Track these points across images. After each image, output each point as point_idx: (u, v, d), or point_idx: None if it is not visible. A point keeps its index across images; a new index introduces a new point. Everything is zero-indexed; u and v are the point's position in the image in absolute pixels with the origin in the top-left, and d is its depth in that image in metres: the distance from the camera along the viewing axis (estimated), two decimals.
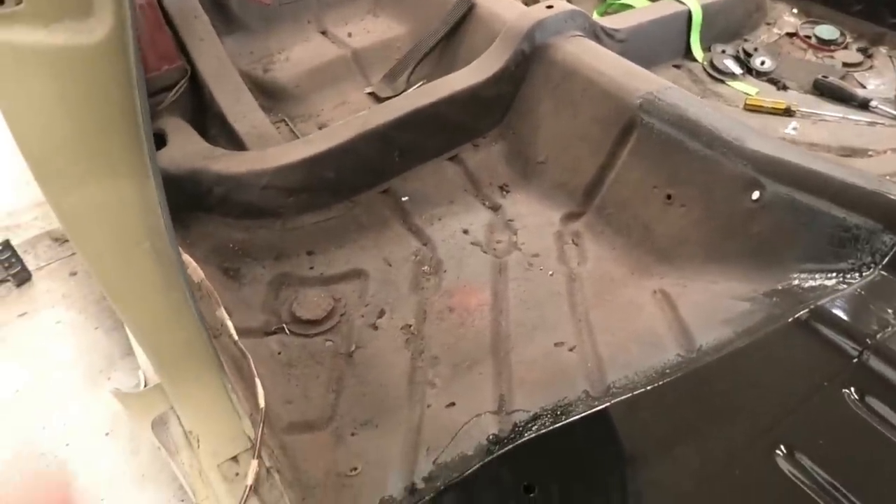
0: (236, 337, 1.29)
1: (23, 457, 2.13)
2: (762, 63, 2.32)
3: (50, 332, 2.48)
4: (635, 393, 1.20)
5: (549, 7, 2.02)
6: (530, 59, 1.98)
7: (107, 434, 2.20)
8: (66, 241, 2.83)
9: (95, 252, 0.96)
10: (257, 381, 1.21)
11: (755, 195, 1.48)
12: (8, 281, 2.57)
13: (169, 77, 2.12)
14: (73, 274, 2.69)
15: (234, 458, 1.26)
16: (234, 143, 2.01)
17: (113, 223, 0.95)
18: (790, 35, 2.52)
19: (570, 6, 2.04)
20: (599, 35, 2.10)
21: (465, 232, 1.80)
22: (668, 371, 1.24)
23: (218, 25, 2.30)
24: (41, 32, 0.85)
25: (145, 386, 1.23)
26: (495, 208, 1.88)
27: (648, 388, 1.20)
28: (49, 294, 2.63)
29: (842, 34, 2.49)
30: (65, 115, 0.86)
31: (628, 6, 2.57)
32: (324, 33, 2.57)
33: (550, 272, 1.66)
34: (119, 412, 2.23)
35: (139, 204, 0.94)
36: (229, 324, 1.30)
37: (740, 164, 1.52)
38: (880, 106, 2.11)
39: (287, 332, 1.58)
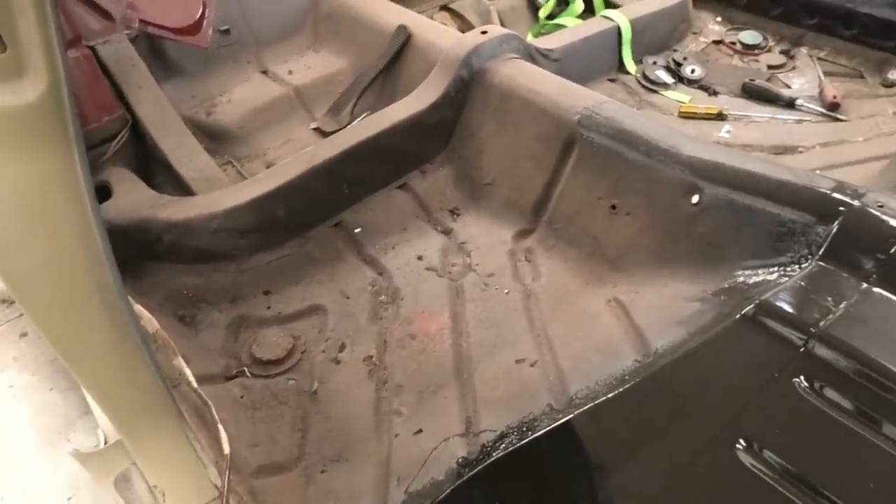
0: (196, 385, 1.27)
1: None
2: (692, 71, 2.41)
3: (2, 396, 2.40)
4: (597, 402, 1.22)
5: (484, 32, 2.07)
6: (469, 84, 2.02)
7: (69, 498, 2.13)
8: (14, 302, 2.76)
9: (43, 312, 0.94)
10: (220, 427, 1.19)
11: (695, 199, 1.53)
12: None
13: (110, 128, 2.10)
14: (24, 335, 2.62)
15: None
16: (181, 188, 1.99)
17: (59, 281, 0.93)
18: (716, 42, 2.63)
19: (503, 30, 2.09)
20: (535, 56, 2.16)
21: (420, 258, 1.82)
22: (627, 377, 1.27)
23: (156, 72, 2.29)
24: None
25: (105, 444, 1.20)
26: (447, 232, 1.90)
27: (610, 395, 1.22)
28: None
29: (764, 38, 2.60)
30: (3, 179, 0.85)
31: (560, 26, 2.65)
32: (264, 72, 2.57)
33: (506, 290, 1.68)
34: (80, 473, 2.17)
35: (86, 259, 0.92)
36: (188, 372, 1.28)
37: (678, 170, 1.58)
38: (805, 104, 2.21)
39: (248, 374, 1.56)
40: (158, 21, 2.30)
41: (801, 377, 1.15)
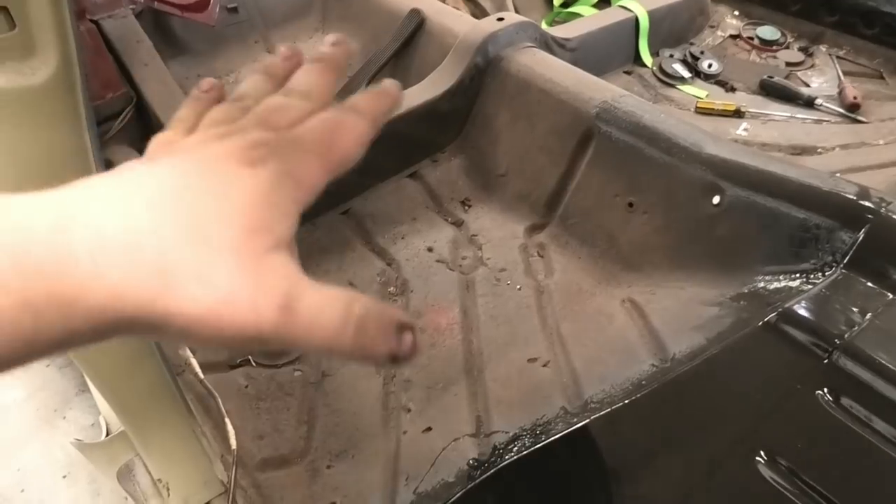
0: (202, 375, 1.24)
1: None
2: (709, 66, 2.36)
3: None
4: (614, 407, 1.19)
5: (500, 19, 2.02)
6: (484, 72, 1.97)
7: (64, 476, 2.11)
8: None
9: None
10: (227, 421, 1.16)
11: (716, 199, 1.49)
12: None
13: (114, 105, 2.04)
14: None
15: None
16: None
17: None
18: (733, 37, 2.58)
19: (520, 18, 2.04)
20: (551, 45, 2.11)
21: (430, 250, 1.78)
22: (643, 382, 1.24)
23: (162, 49, 2.23)
24: None
25: (107, 434, 1.17)
26: (458, 224, 1.86)
27: (626, 401, 1.20)
28: None
29: (782, 34, 2.55)
30: (11, 159, 0.81)
31: (576, 15, 2.60)
32: (272, 53, 2.52)
33: (518, 286, 1.65)
34: (77, 452, 2.15)
35: None
36: (194, 361, 1.25)
37: (699, 169, 1.54)
38: (825, 104, 2.17)
39: (253, 363, 1.53)
40: None
41: (825, 389, 1.12)
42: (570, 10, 2.64)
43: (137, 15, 2.23)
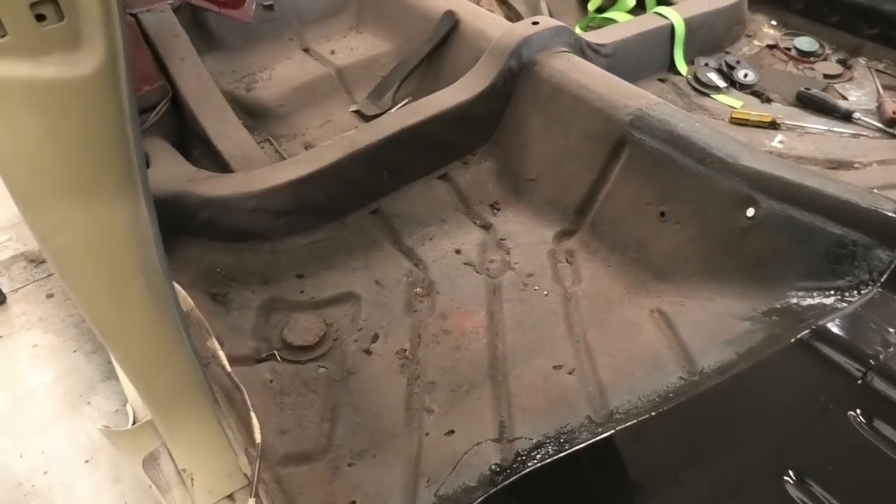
0: (229, 368, 1.25)
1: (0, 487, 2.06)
2: (745, 76, 2.33)
3: (27, 355, 2.42)
4: (640, 419, 1.18)
5: (535, 23, 2.01)
6: (517, 76, 1.97)
7: (87, 461, 2.13)
8: (42, 262, 2.76)
9: (86, 290, 0.92)
10: (252, 415, 1.17)
11: (750, 212, 1.48)
12: None
13: (150, 98, 2.08)
14: (50, 296, 2.63)
15: (230, 497, 1.22)
16: (219, 164, 1.97)
17: (105, 259, 0.91)
18: (770, 47, 2.54)
19: (555, 22, 2.03)
20: (585, 50, 2.10)
21: (458, 252, 1.78)
22: (671, 395, 1.23)
23: (198, 44, 2.26)
24: (27, 66, 0.81)
25: (134, 422, 1.18)
26: (487, 227, 1.86)
27: (653, 413, 1.18)
28: (25, 317, 2.56)
29: (821, 46, 2.52)
30: (54, 151, 0.82)
31: (611, 20, 2.58)
32: (306, 50, 2.54)
33: (545, 292, 1.64)
34: (100, 438, 2.17)
35: (133, 239, 0.90)
36: (221, 354, 1.26)
37: (734, 180, 1.52)
38: (863, 118, 2.13)
39: (279, 358, 1.54)
40: None
41: (857, 411, 1.10)
42: (605, 15, 2.63)
43: (175, 10, 2.26)
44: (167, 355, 0.99)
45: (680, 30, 2.30)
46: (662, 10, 2.34)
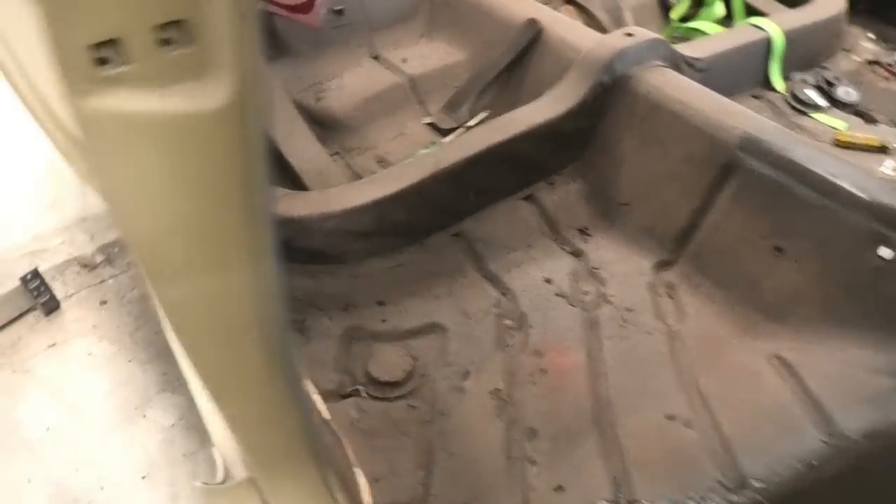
0: (328, 415, 1.16)
1: (56, 502, 2.02)
2: (846, 94, 2.18)
3: (81, 364, 2.37)
4: (784, 490, 1.06)
5: (629, 35, 1.89)
6: (610, 91, 1.85)
7: (143, 477, 2.08)
8: (96, 267, 2.72)
9: (199, 344, 0.83)
10: (358, 471, 1.08)
11: (885, 253, 1.34)
12: (36, 310, 2.46)
13: None
14: (104, 303, 2.58)
15: None
16: (290, 179, 1.89)
17: (220, 311, 0.82)
18: (870, 63, 2.38)
19: (650, 34, 1.91)
20: (680, 64, 1.97)
21: (548, 281, 1.67)
22: (814, 462, 1.11)
23: (265, 50, 2.18)
24: (152, 97, 0.72)
25: (224, 477, 1.10)
26: (577, 254, 1.75)
27: (800, 484, 1.06)
28: (79, 324, 2.51)
29: None
30: (177, 194, 0.72)
31: (696, 30, 2.44)
32: (376, 58, 2.44)
33: (648, 330, 1.53)
34: (157, 452, 2.12)
35: (254, 289, 0.81)
36: (317, 398, 1.17)
37: (863, 215, 1.39)
38: None
39: (364, 394, 1.45)
40: None
41: None
42: (690, 25, 2.49)
43: None
44: (279, 413, 0.90)
45: (779, 43, 2.16)
46: (759, 20, 2.20)
